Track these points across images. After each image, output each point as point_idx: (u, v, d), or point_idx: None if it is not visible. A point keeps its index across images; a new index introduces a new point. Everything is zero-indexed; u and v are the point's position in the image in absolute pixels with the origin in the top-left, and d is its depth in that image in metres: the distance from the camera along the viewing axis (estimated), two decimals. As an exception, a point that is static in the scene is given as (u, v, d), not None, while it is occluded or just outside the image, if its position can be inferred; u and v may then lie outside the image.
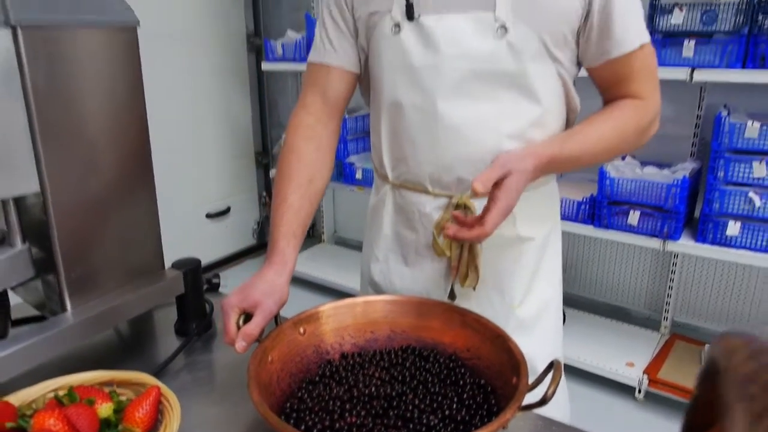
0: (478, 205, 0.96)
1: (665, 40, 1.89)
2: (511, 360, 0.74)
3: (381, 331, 0.89)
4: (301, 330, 0.84)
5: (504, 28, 0.87)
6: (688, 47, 1.83)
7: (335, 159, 2.74)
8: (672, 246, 2.00)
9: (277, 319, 0.85)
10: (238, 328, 0.79)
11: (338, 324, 0.88)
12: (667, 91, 2.19)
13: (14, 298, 0.94)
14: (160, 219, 1.00)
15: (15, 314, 0.94)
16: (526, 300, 1.03)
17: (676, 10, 1.84)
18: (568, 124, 0.99)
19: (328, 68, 0.99)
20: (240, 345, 0.77)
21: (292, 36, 2.81)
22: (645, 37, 0.89)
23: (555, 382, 0.65)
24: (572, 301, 2.65)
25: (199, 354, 0.96)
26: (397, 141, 0.99)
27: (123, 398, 0.71)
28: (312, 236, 3.54)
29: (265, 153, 3.57)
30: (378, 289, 1.09)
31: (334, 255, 3.28)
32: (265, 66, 2.92)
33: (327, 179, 1.02)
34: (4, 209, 0.83)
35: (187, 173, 3.07)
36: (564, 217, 2.18)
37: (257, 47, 3.31)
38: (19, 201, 0.85)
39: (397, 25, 0.91)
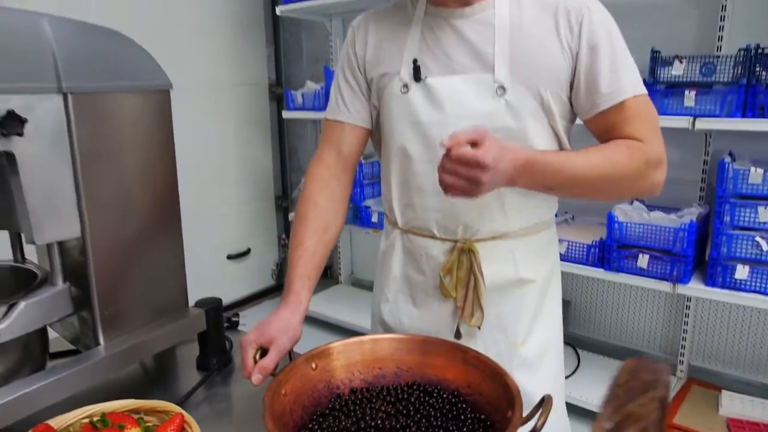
0: (481, 250, 1.03)
1: (667, 91, 1.96)
2: (507, 395, 0.80)
3: (388, 368, 0.95)
4: (313, 365, 0.90)
5: (503, 89, 0.95)
6: (689, 97, 1.90)
7: (352, 202, 2.83)
8: (682, 289, 2.02)
9: (291, 354, 0.92)
10: (255, 362, 0.86)
11: (348, 360, 0.94)
12: (674, 138, 2.26)
13: (51, 333, 1.02)
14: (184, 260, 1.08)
15: (52, 348, 1.02)
16: (528, 339, 1.08)
17: (676, 62, 1.92)
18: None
19: (342, 125, 1.09)
20: (256, 378, 0.83)
21: (312, 86, 2.96)
22: (638, 89, 0.95)
23: (544, 414, 0.70)
24: (586, 344, 2.66)
25: (219, 387, 1.03)
26: (406, 189, 1.07)
27: (150, 424, 0.78)
28: (329, 277, 3.61)
29: (284, 197, 3.68)
30: (387, 329, 1.16)
31: (351, 296, 3.34)
32: (286, 114, 3.06)
33: (340, 227, 1.10)
34: (48, 252, 0.92)
35: (211, 216, 3.19)
36: (574, 260, 2.22)
37: (279, 96, 3.47)
38: (61, 244, 0.94)
39: (406, 86, 1.01)
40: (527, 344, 1.08)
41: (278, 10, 2.90)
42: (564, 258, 2.24)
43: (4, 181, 0.89)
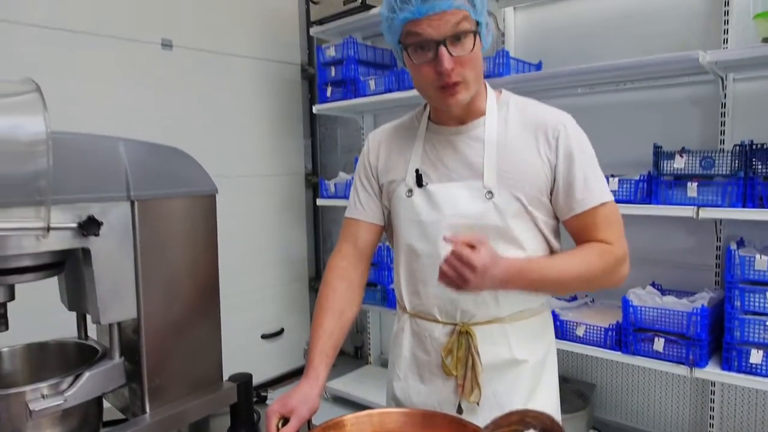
0: (478, 333, 1.16)
1: (672, 182, 2.10)
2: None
3: (395, 439, 1.06)
4: (328, 434, 1.03)
5: (491, 193, 1.12)
6: (692, 188, 2.03)
7: (381, 285, 2.97)
8: (699, 373, 2.06)
9: (309, 424, 1.05)
10: (278, 429, 0.99)
11: (359, 431, 1.06)
12: (685, 225, 2.39)
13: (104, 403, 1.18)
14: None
15: (104, 417, 1.17)
16: (526, 416, 1.18)
17: (677, 156, 2.07)
18: (553, 265, 1.20)
19: (359, 222, 1.27)
20: (278, 443, 0.97)
21: (344, 177, 3.21)
22: (606, 197, 1.12)
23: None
24: (613, 429, 2.65)
25: (246, 455, 1.15)
26: (413, 279, 1.22)
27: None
28: (359, 357, 3.71)
29: (317, 278, 3.86)
30: (399, 404, 1.27)
31: (380, 376, 3.40)
32: (320, 201, 3.30)
33: (356, 311, 1.25)
34: (109, 330, 1.09)
35: (248, 296, 3.37)
36: (593, 342, 2.29)
37: (314, 184, 3.74)
38: (118, 323, 1.11)
39: (410, 191, 1.19)
40: (526, 421, 1.18)
41: (315, 108, 3.21)
42: (583, 341, 2.31)
43: (78, 272, 1.09)
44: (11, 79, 0.97)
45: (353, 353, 3.83)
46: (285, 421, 1.01)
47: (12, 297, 1.04)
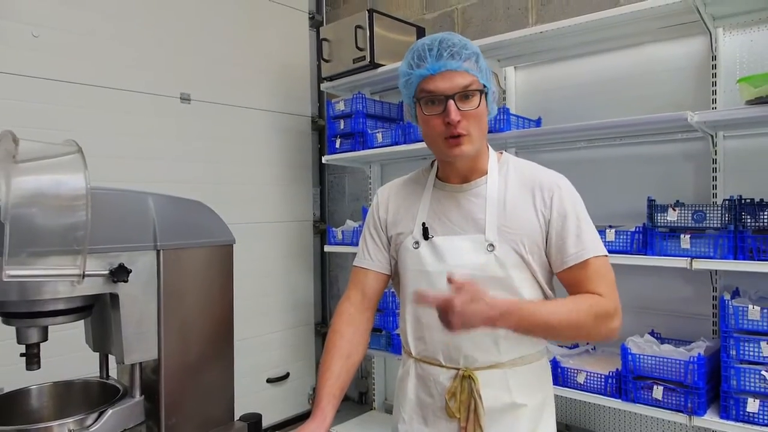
0: (480, 377, 1.23)
1: (665, 234, 2.18)
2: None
3: (397, 478, 1.12)
4: (333, 472, 1.09)
5: (492, 246, 1.21)
6: (685, 240, 2.11)
7: (386, 331, 3.03)
8: (698, 422, 2.09)
9: (316, 462, 1.11)
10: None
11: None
12: (682, 275, 2.45)
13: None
14: (233, 381, 1.32)
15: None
16: (523, 458, 1.24)
17: (670, 210, 2.16)
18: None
19: (366, 271, 1.36)
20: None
21: (351, 224, 3.32)
22: (598, 251, 1.21)
23: None
24: (617, 479, 2.65)
25: (256, 492, 1.21)
26: (418, 325, 1.30)
27: None
28: (364, 403, 3.72)
29: (324, 323, 3.92)
30: (403, 446, 1.33)
31: (384, 422, 3.42)
32: (328, 248, 3.40)
33: (363, 354, 1.33)
34: (131, 370, 1.17)
35: (254, 340, 3.43)
36: (592, 390, 2.33)
37: (322, 231, 3.85)
38: (140, 364, 1.19)
39: (417, 243, 1.28)
40: (523, 463, 1.24)
41: (324, 158, 3.35)
42: (583, 388, 2.35)
43: (104, 315, 1.18)
44: (56, 143, 1.09)
45: (357, 399, 3.84)
46: (294, 458, 1.08)
47: (45, 338, 1.13)
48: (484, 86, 1.21)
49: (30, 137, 1.05)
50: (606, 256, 1.22)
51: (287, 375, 3.67)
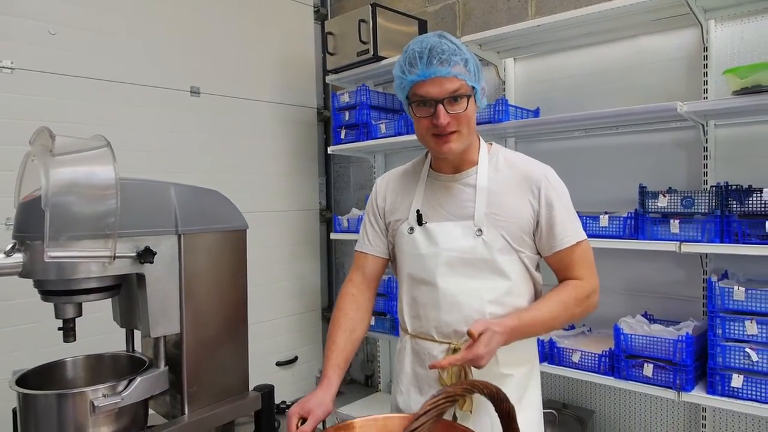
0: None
1: (656, 219, 2.28)
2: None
3: (397, 440, 1.24)
4: (339, 433, 1.21)
5: (480, 231, 1.32)
6: (674, 225, 2.21)
7: (390, 314, 3.15)
8: (686, 397, 2.20)
9: (323, 424, 1.23)
10: (297, 428, 1.18)
11: (366, 432, 1.24)
12: (674, 259, 2.54)
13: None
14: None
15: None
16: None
17: (661, 196, 2.26)
18: (536, 292, 1.39)
19: (366, 255, 1.48)
20: (297, 439, 1.16)
21: (356, 213, 3.44)
22: (581, 236, 1.33)
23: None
24: (611, 455, 2.77)
25: (269, 454, 1.34)
26: (414, 304, 1.41)
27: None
28: (369, 386, 3.85)
29: (330, 308, 4.05)
30: (401, 413, 1.45)
31: (389, 403, 3.54)
32: (333, 236, 3.52)
33: (365, 330, 1.45)
34: (155, 343, 1.30)
35: (263, 325, 3.56)
36: (587, 368, 2.44)
37: (328, 219, 3.97)
38: (164, 337, 1.32)
39: (411, 228, 1.39)
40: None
41: (329, 149, 3.46)
42: (578, 366, 2.47)
43: (131, 294, 1.30)
44: (86, 138, 1.21)
45: (364, 382, 3.98)
46: (303, 421, 1.20)
47: (80, 313, 1.25)
48: (473, 88, 1.30)
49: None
50: (586, 239, 1.34)
51: (296, 358, 3.81)
